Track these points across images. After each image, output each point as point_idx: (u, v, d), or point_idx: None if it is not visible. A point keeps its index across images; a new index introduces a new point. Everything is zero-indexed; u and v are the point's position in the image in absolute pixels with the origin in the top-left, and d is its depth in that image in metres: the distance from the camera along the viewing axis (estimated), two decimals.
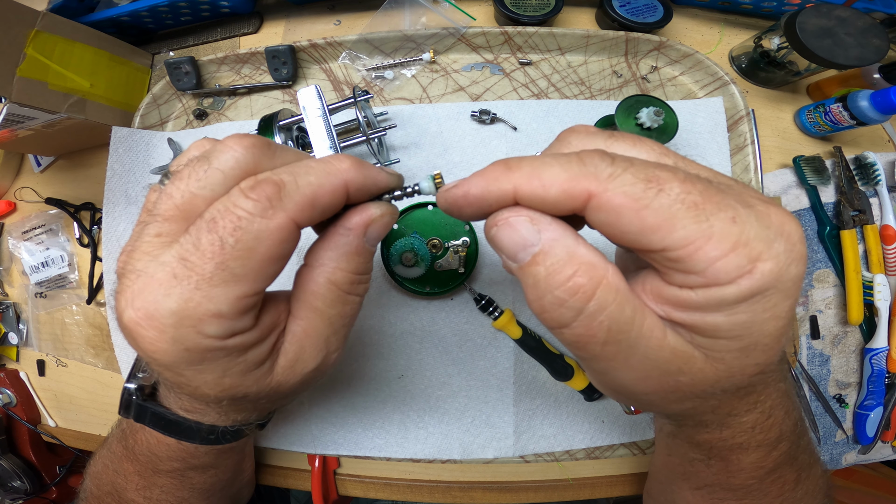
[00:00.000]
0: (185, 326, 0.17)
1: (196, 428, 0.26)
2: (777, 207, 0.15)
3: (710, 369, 0.17)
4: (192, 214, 0.18)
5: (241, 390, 0.20)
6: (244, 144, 0.18)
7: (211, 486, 0.32)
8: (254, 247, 0.17)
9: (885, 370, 0.43)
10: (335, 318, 0.21)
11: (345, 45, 0.47)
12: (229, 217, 0.16)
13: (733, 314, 0.15)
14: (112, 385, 0.49)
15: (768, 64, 0.46)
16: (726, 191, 0.15)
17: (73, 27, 0.43)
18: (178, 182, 0.18)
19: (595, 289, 0.15)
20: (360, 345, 0.43)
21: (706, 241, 0.14)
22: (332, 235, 0.20)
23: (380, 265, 0.42)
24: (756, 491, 0.24)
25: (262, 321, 0.20)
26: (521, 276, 0.16)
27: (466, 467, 0.43)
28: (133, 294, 0.17)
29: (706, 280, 0.14)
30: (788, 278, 0.14)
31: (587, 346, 0.16)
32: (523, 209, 0.16)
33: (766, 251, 0.14)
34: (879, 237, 0.44)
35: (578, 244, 0.16)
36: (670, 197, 0.14)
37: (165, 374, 0.19)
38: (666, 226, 0.14)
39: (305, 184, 0.18)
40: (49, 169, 0.53)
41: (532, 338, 0.40)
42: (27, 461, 0.52)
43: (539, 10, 0.46)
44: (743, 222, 0.14)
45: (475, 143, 0.46)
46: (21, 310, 0.52)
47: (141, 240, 0.18)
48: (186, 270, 0.17)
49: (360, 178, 0.19)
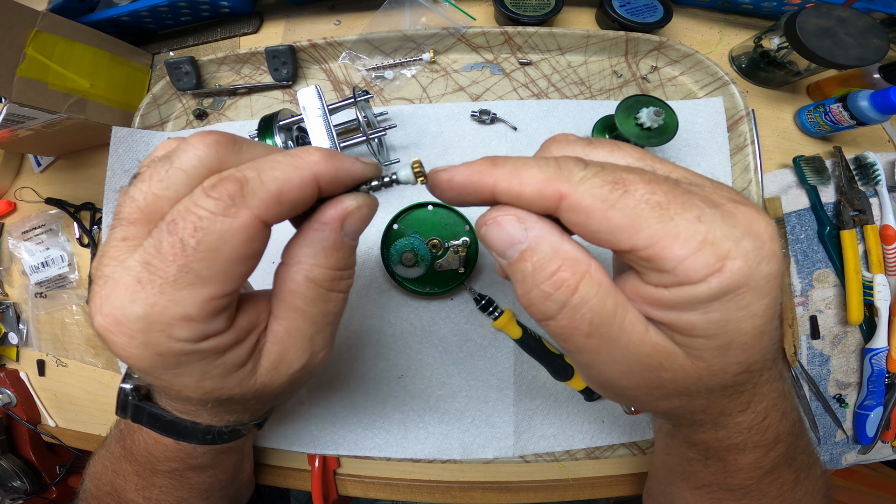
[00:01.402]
0: (154, 331, 0.17)
1: (192, 428, 0.26)
2: (746, 206, 0.15)
3: (690, 366, 0.17)
4: (155, 216, 0.17)
5: (224, 393, 0.20)
6: (206, 142, 0.18)
7: (210, 487, 0.32)
8: (218, 247, 0.16)
9: (885, 370, 0.43)
10: (318, 317, 0.21)
11: (345, 45, 0.47)
12: (190, 218, 0.16)
13: (707, 312, 0.15)
14: (112, 385, 0.49)
15: (768, 64, 0.46)
16: (693, 191, 0.15)
17: (73, 27, 0.43)
18: (140, 184, 0.17)
19: (578, 282, 0.16)
20: (360, 345, 0.43)
21: (672, 240, 0.14)
22: (307, 231, 0.19)
23: (380, 265, 0.42)
24: (754, 491, 0.24)
25: (238, 322, 0.19)
26: (511, 271, 0.17)
27: (466, 467, 0.43)
28: (101, 300, 0.17)
29: (678, 279, 0.15)
30: (760, 276, 0.15)
31: (571, 337, 0.17)
32: (511, 208, 0.17)
33: (734, 249, 0.14)
34: (879, 237, 0.44)
35: (563, 241, 0.17)
36: (635, 197, 0.15)
37: (147, 378, 0.19)
38: (632, 225, 0.15)
39: (270, 179, 0.17)
40: (49, 169, 0.54)
41: (532, 338, 0.40)
42: (27, 461, 0.52)
43: (539, 10, 0.46)
44: (709, 221, 0.14)
45: (475, 143, 0.46)
46: (21, 310, 0.52)
47: (109, 244, 0.18)
48: (149, 275, 0.16)
49: (331, 170, 0.18)
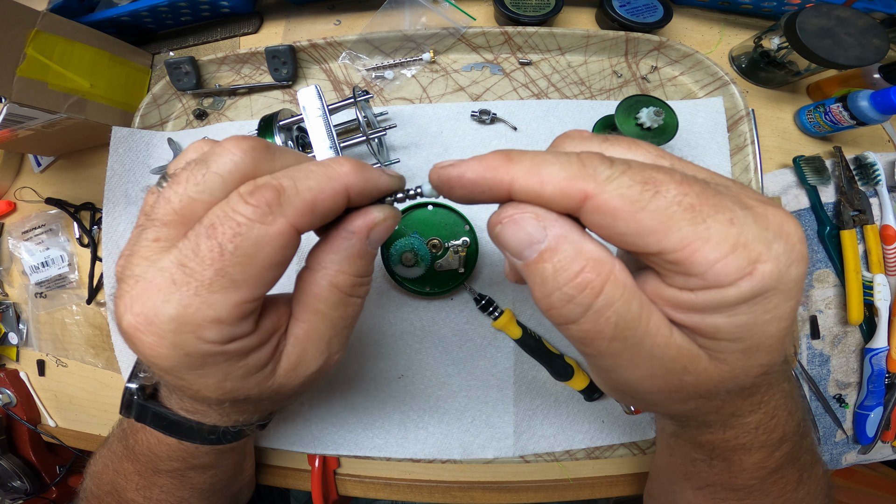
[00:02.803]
0: (185, 332, 0.17)
1: (197, 428, 0.26)
2: (775, 208, 0.15)
3: (714, 369, 0.16)
4: (190, 219, 0.17)
5: (242, 393, 0.20)
6: (243, 147, 0.18)
7: (211, 486, 0.32)
8: (253, 253, 0.17)
9: (885, 370, 0.43)
10: (337, 321, 0.21)
11: (345, 45, 0.47)
12: (229, 223, 0.16)
13: (734, 316, 0.15)
14: (112, 385, 0.49)
15: (768, 64, 0.46)
16: (723, 192, 0.15)
17: (73, 27, 0.43)
18: (175, 186, 0.18)
19: (603, 284, 0.15)
20: (360, 345, 0.43)
21: (704, 243, 0.14)
22: (334, 238, 0.20)
23: (380, 265, 0.42)
24: (758, 491, 0.24)
25: (262, 325, 0.20)
26: (528, 273, 0.16)
27: (466, 467, 0.43)
28: (132, 299, 0.17)
29: (706, 282, 0.14)
30: (789, 279, 0.14)
31: (594, 342, 0.16)
32: (528, 206, 0.16)
33: (765, 252, 0.14)
34: (879, 237, 0.44)
35: (585, 240, 0.16)
36: (667, 199, 0.14)
37: (166, 377, 0.19)
38: (662, 228, 0.14)
39: (305, 188, 0.17)
40: (49, 169, 0.53)
41: (532, 338, 0.40)
42: (27, 461, 0.52)
43: (539, 10, 0.46)
44: (741, 224, 0.14)
45: (475, 144, 0.46)
46: (21, 310, 0.52)
47: (139, 244, 0.18)
48: (185, 276, 0.16)
49: (360, 182, 0.19)
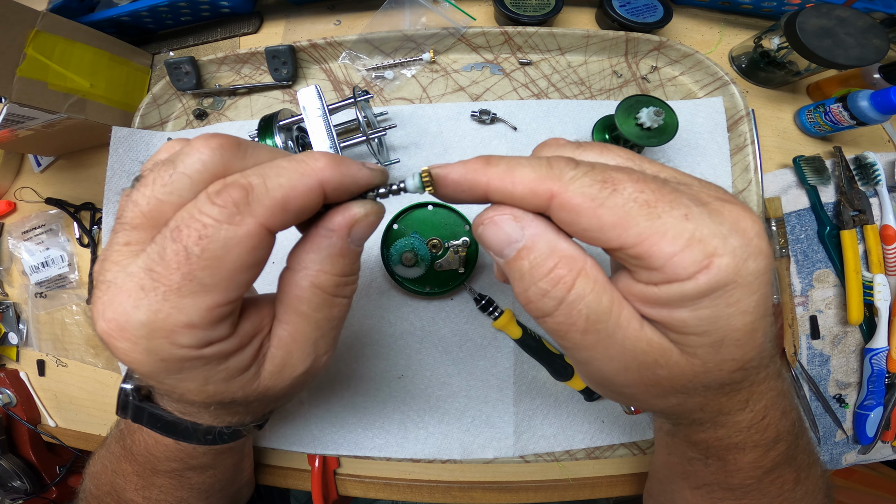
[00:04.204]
0: (157, 338, 0.17)
1: (193, 429, 0.25)
2: (733, 204, 0.16)
3: (686, 363, 0.17)
4: (159, 221, 0.17)
5: (227, 396, 0.20)
6: (211, 145, 0.17)
7: (210, 487, 0.32)
8: (222, 255, 0.16)
9: (885, 370, 0.43)
10: (322, 322, 0.21)
11: (345, 45, 0.47)
12: (194, 225, 0.16)
13: (697, 309, 0.15)
14: (112, 385, 0.49)
15: (768, 64, 0.46)
16: (681, 189, 0.16)
17: (73, 27, 0.43)
18: (143, 188, 0.17)
19: (574, 279, 0.16)
20: (360, 345, 0.43)
21: (661, 237, 0.15)
22: (313, 237, 0.19)
23: (380, 265, 0.42)
24: (755, 491, 0.24)
25: (241, 328, 0.19)
26: (508, 270, 0.18)
27: (466, 467, 0.43)
28: (104, 305, 0.17)
29: (666, 276, 0.15)
30: (748, 273, 0.15)
31: (568, 334, 0.17)
32: (507, 208, 0.17)
33: (721, 246, 0.15)
34: (879, 237, 0.44)
35: (559, 239, 0.17)
36: (623, 196, 0.15)
37: (149, 381, 0.19)
38: (622, 224, 0.15)
39: (276, 186, 0.17)
40: (49, 169, 0.53)
41: (532, 338, 0.40)
42: (27, 461, 0.52)
43: (539, 10, 0.46)
44: (695, 219, 0.15)
45: (475, 144, 0.46)
46: (21, 310, 0.52)
47: (111, 248, 0.17)
48: (153, 281, 0.16)
49: (337, 177, 0.18)
